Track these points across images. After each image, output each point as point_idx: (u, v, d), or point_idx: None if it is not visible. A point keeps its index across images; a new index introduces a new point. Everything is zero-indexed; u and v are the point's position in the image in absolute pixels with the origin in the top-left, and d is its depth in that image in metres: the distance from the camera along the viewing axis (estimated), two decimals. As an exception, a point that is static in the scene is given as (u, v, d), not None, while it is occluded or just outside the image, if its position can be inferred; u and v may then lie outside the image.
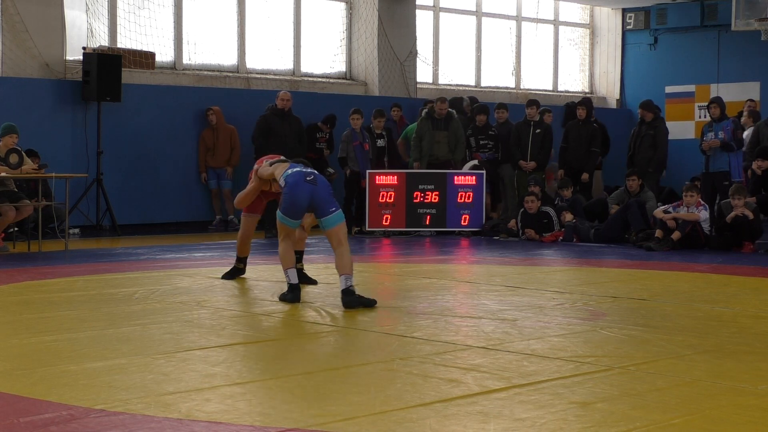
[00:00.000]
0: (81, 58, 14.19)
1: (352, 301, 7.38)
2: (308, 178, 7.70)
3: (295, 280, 7.73)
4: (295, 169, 7.86)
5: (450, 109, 15.14)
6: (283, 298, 7.71)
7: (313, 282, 8.62)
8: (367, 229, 14.17)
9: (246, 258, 9.12)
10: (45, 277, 9.32)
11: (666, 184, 16.45)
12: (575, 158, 15.19)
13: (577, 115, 15.43)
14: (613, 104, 21.72)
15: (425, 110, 15.26)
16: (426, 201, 14.07)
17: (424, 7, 18.95)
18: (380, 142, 14.93)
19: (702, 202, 12.56)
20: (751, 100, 17.00)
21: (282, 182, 7.83)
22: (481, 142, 15.25)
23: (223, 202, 15.39)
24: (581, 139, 15.19)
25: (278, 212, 7.78)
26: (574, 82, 21.99)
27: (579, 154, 15.18)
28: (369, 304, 7.43)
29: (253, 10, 16.64)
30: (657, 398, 4.74)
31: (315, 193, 7.63)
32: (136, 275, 9.41)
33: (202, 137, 15.21)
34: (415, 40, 18.18)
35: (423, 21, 18.88)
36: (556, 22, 21.50)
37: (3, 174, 11.34)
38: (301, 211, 7.73)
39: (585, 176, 15.13)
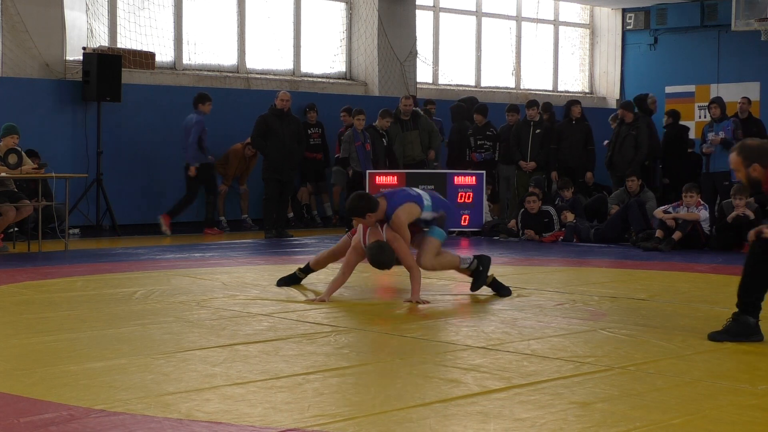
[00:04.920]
0: (81, 58, 14.19)
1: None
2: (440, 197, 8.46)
3: (473, 264, 8.06)
4: (422, 195, 8.05)
5: (416, 108, 15.11)
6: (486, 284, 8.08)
7: None
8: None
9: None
10: (45, 277, 9.32)
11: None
12: (571, 157, 15.12)
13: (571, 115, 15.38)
14: (613, 104, 21.69)
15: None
16: (426, 201, 14.04)
17: (424, 7, 18.95)
18: (385, 141, 14.89)
19: (702, 202, 12.56)
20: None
21: (431, 214, 7.99)
22: (479, 142, 15.24)
23: (239, 201, 15.42)
24: (576, 138, 15.10)
25: (441, 233, 7.96)
26: (574, 82, 21.99)
27: (575, 153, 15.11)
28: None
29: (253, 10, 16.64)
30: (657, 398, 4.74)
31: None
32: (136, 275, 9.41)
33: (233, 155, 15.04)
34: (415, 40, 18.18)
35: (423, 21, 18.88)
36: (556, 23, 21.49)
37: (3, 174, 11.34)
38: None
39: (589, 176, 15.08)
